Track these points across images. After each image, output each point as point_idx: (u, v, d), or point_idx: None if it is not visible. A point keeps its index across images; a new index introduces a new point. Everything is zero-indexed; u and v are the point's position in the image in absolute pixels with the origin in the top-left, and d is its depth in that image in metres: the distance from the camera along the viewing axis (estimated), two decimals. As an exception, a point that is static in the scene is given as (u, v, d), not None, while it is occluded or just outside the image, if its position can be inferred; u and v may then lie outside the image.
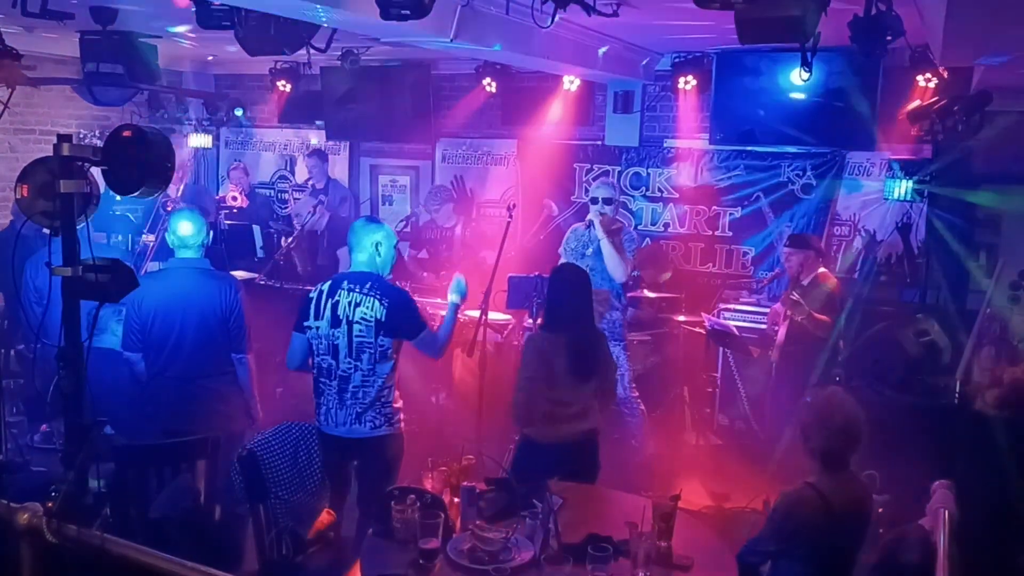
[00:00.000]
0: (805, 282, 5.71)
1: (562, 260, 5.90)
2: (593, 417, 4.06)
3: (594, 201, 5.73)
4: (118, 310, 4.65)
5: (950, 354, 5.51)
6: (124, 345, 4.20)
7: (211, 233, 4.33)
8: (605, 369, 4.11)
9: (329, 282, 3.99)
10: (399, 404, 4.03)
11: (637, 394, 5.85)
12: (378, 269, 3.98)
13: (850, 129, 6.10)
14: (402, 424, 4.05)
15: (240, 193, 8.30)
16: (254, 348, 4.33)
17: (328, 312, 3.89)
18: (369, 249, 3.96)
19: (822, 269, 5.79)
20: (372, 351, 3.87)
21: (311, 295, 3.99)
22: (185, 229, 4.20)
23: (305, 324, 3.96)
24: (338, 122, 8.11)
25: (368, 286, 3.89)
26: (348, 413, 3.90)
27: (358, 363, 3.88)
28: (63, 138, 2.34)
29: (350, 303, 3.87)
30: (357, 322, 3.86)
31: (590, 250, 5.68)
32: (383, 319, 3.85)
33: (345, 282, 3.94)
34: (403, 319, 3.91)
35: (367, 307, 3.85)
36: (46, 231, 2.41)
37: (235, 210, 8.15)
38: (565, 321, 4.03)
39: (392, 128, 7.91)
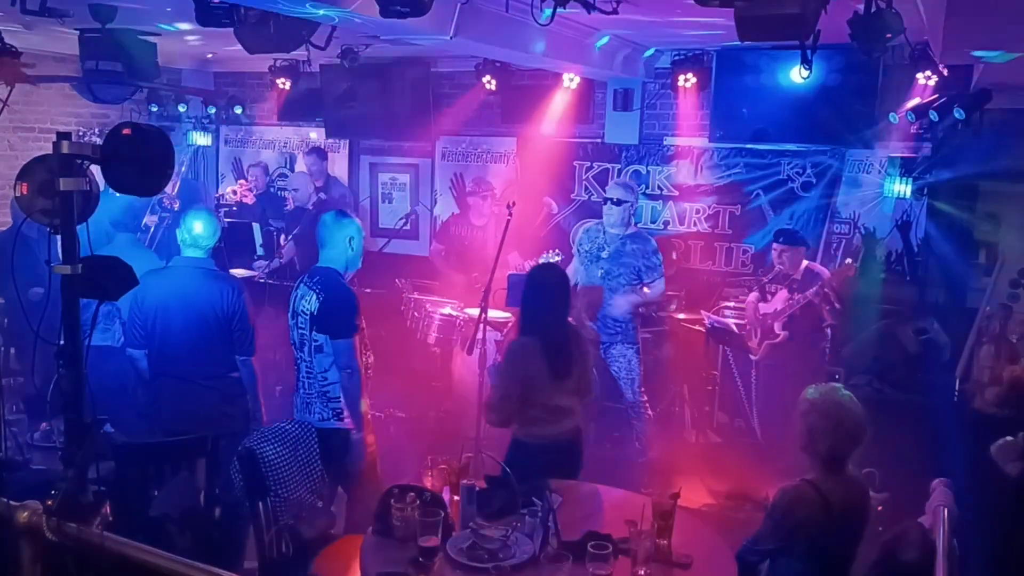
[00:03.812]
0: (798, 276, 5.73)
1: (576, 259, 5.90)
2: (576, 415, 4.02)
3: (604, 201, 5.72)
4: (117, 308, 4.66)
5: (949, 352, 5.52)
6: (127, 342, 4.22)
7: (219, 235, 4.35)
8: (582, 364, 4.03)
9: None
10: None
11: (646, 399, 5.85)
12: (348, 264, 4.06)
13: (850, 127, 6.10)
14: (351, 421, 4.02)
15: (249, 190, 8.29)
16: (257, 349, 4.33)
17: (292, 307, 4.07)
18: (342, 244, 4.02)
19: (806, 262, 5.82)
20: (309, 344, 3.98)
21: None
22: (200, 228, 4.21)
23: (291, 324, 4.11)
24: (338, 120, 8.11)
25: (315, 280, 3.99)
26: (301, 401, 4.08)
27: (302, 354, 4.03)
28: (62, 136, 2.33)
29: (300, 296, 4.01)
30: (299, 314, 4.00)
31: (605, 252, 5.65)
32: (315, 313, 3.93)
33: (306, 276, 4.08)
34: (332, 317, 3.92)
35: (307, 300, 3.97)
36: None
37: (235, 207, 8.14)
38: (539, 323, 3.95)
39: (392, 126, 7.90)
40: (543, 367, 3.87)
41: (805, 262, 5.83)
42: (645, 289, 5.64)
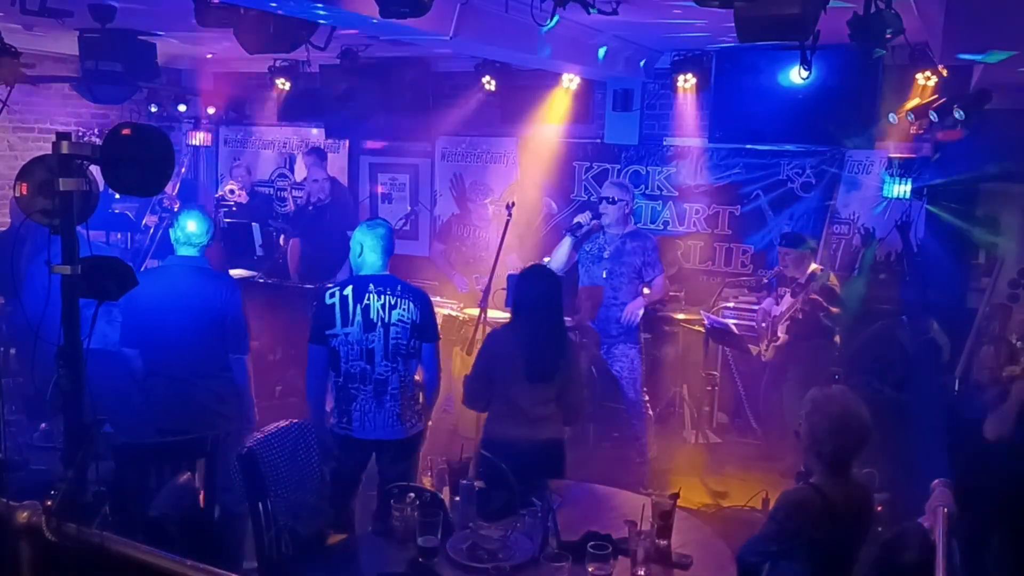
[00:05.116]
0: (803, 280, 5.72)
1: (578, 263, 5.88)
2: (553, 428, 3.90)
3: (600, 201, 5.73)
4: (107, 311, 4.64)
5: (949, 352, 5.52)
6: (122, 341, 4.19)
7: (212, 232, 4.34)
8: (568, 379, 3.91)
9: (350, 286, 3.96)
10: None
11: (647, 398, 5.85)
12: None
13: (849, 127, 6.09)
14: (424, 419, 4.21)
15: (240, 188, 8.30)
16: (252, 348, 4.31)
17: (359, 317, 3.90)
18: (390, 250, 4.06)
19: (814, 265, 5.82)
20: (406, 353, 3.96)
21: (328, 301, 3.93)
22: (193, 227, 4.20)
23: (328, 333, 3.92)
24: (337, 120, 8.10)
25: (399, 288, 3.97)
26: (388, 415, 3.95)
27: (395, 365, 3.94)
28: (62, 136, 2.33)
29: (383, 306, 3.91)
30: (394, 324, 3.92)
31: (607, 252, 5.66)
32: (418, 321, 3.95)
33: (371, 285, 3.95)
34: (430, 322, 4.05)
35: (403, 309, 3.93)
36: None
37: (234, 207, 8.14)
38: (522, 318, 3.91)
39: (391, 126, 7.90)
40: (516, 363, 3.81)
41: (813, 265, 5.81)
42: (645, 290, 5.64)
